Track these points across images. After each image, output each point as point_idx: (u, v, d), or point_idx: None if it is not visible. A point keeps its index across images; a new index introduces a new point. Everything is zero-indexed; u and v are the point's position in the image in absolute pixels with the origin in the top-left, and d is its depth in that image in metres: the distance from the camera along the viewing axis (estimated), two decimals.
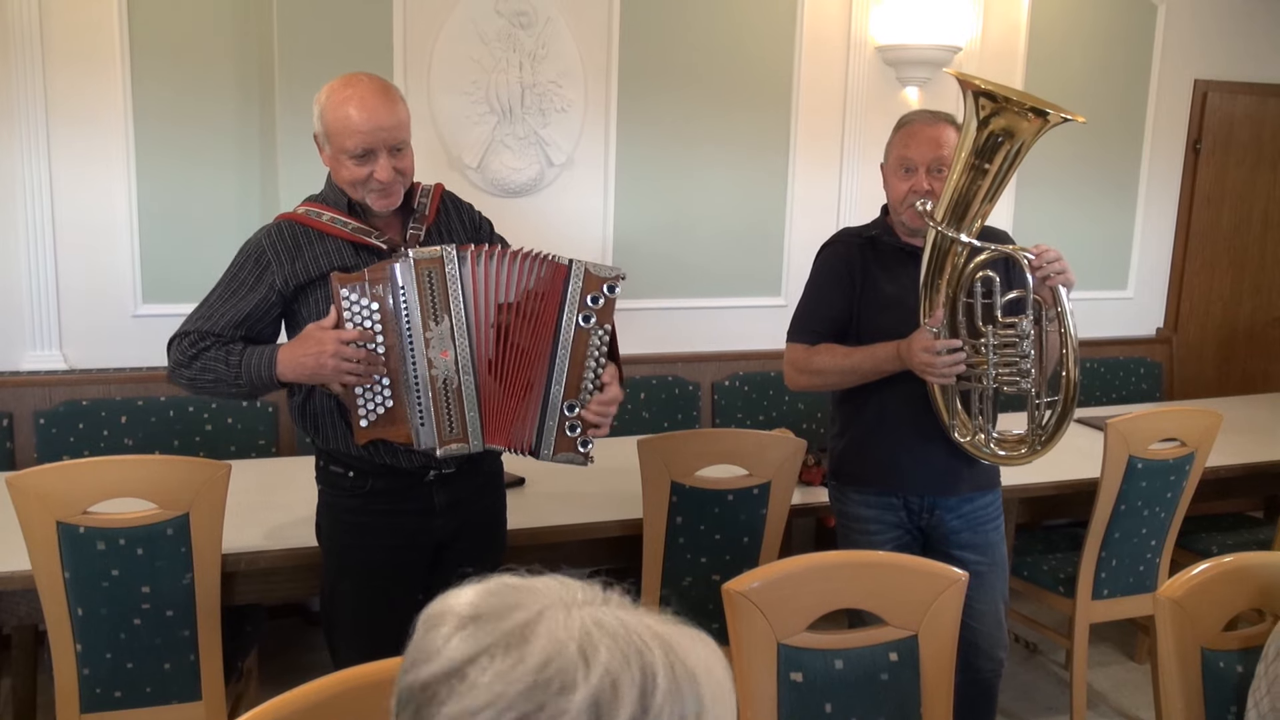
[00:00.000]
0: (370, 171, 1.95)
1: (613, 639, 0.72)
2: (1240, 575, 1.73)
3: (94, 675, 2.23)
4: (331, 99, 1.95)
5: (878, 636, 1.70)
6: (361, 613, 2.12)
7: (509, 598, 0.76)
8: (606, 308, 1.97)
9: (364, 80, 1.96)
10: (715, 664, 0.76)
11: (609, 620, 0.73)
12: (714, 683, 0.74)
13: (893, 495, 2.41)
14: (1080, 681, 3.03)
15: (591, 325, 1.96)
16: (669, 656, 0.72)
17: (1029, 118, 2.07)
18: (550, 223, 3.69)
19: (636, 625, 0.74)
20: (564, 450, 2.01)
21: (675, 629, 0.76)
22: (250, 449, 3.33)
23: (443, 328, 1.92)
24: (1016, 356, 2.17)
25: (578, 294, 1.95)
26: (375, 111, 1.92)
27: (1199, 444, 2.95)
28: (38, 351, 3.31)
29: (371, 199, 1.99)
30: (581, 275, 1.95)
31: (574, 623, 0.72)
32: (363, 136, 1.92)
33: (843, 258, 2.41)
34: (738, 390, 3.91)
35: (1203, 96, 4.61)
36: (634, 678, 0.70)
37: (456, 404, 1.95)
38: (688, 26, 3.77)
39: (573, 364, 1.97)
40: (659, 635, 0.74)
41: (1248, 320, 4.94)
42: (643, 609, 0.78)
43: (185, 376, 2.01)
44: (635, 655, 0.71)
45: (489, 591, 0.77)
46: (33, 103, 3.18)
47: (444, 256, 1.92)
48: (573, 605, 0.75)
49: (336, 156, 1.97)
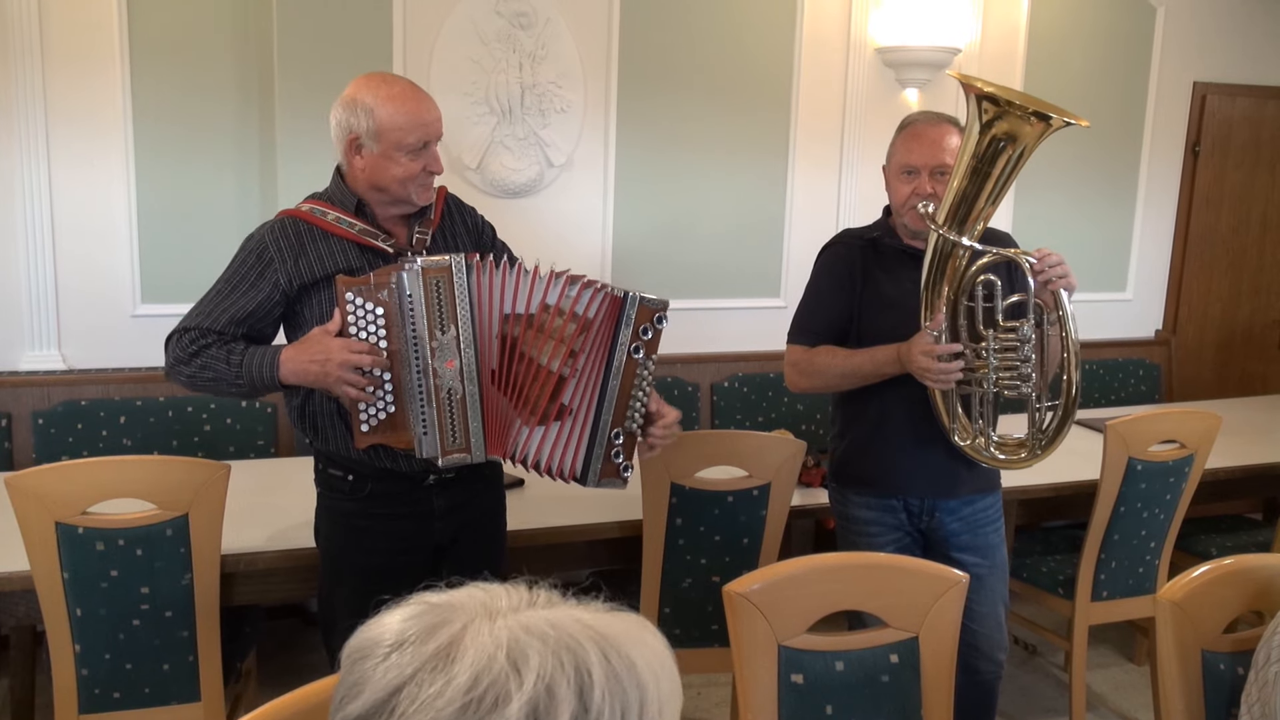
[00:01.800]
0: (424, 165, 1.99)
1: (542, 642, 0.70)
2: (1240, 577, 1.73)
3: (93, 676, 2.22)
4: (380, 96, 1.96)
5: (878, 638, 1.70)
6: (359, 615, 2.10)
7: (431, 618, 0.74)
8: (654, 340, 1.98)
9: (400, 78, 2.04)
10: (651, 646, 0.74)
11: (536, 623, 0.71)
12: (654, 665, 0.73)
13: (893, 498, 2.41)
14: (1079, 683, 3.03)
15: (641, 357, 1.98)
16: (603, 649, 0.71)
17: (1032, 121, 2.07)
18: (550, 224, 3.69)
19: (566, 623, 0.72)
20: (608, 476, 2.03)
21: (607, 618, 0.74)
22: (249, 449, 3.32)
23: (449, 337, 1.91)
24: (1018, 360, 2.17)
25: (631, 325, 1.96)
26: (425, 104, 2.00)
27: (1198, 446, 2.96)
28: (36, 351, 3.30)
29: (418, 194, 2.02)
30: (636, 306, 1.96)
31: (500, 632, 0.70)
32: (424, 129, 1.98)
33: (844, 259, 2.41)
34: (737, 391, 3.91)
35: (1201, 99, 4.62)
36: (569, 678, 0.68)
37: (460, 414, 1.94)
38: (687, 28, 3.77)
39: (621, 393, 1.99)
40: (591, 629, 0.72)
41: (1246, 322, 4.94)
42: (571, 602, 0.76)
43: (184, 374, 1.99)
44: (568, 655, 0.69)
45: (410, 615, 0.75)
46: (32, 103, 3.17)
47: (452, 266, 1.90)
48: (497, 614, 0.73)
49: (389, 154, 1.97)
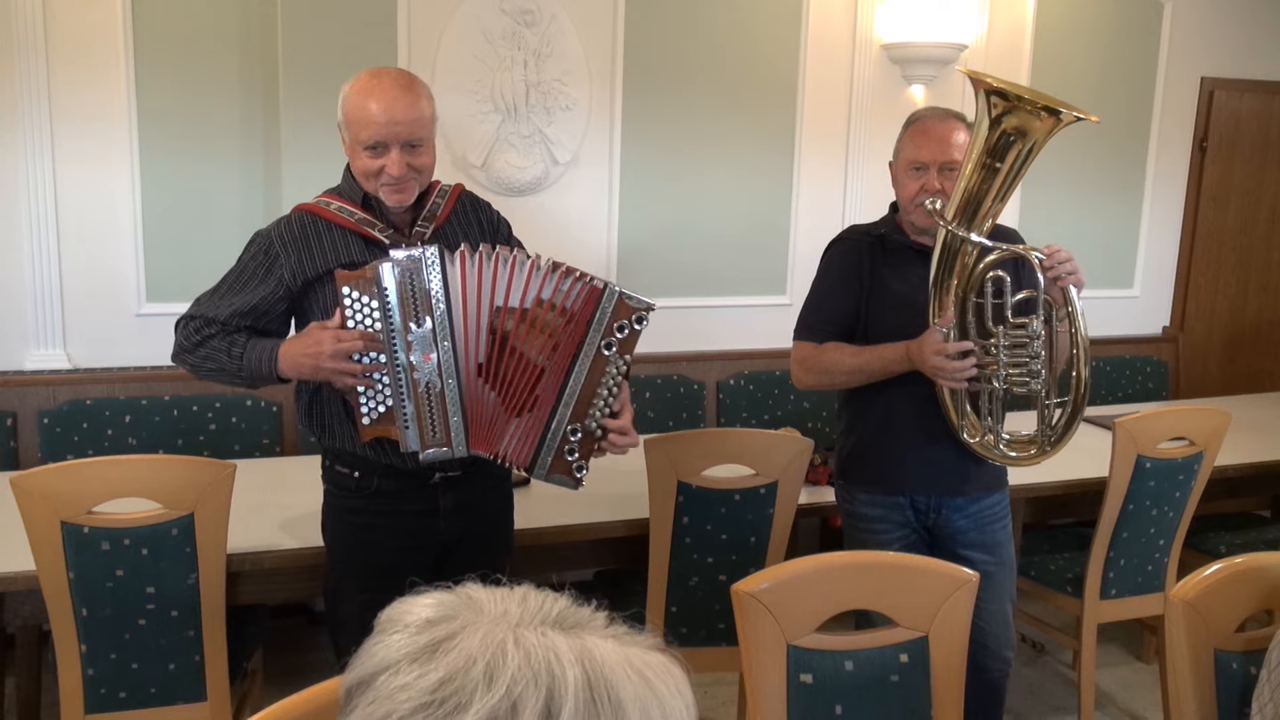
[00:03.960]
0: (382, 165, 1.94)
1: (526, 659, 0.68)
2: (1252, 576, 1.71)
3: (98, 676, 2.22)
4: (354, 88, 1.96)
5: (888, 638, 1.69)
6: (365, 613, 2.10)
7: (453, 609, 0.73)
8: (630, 338, 1.94)
9: (390, 74, 1.97)
10: (654, 688, 0.71)
11: (532, 640, 0.70)
12: (646, 705, 0.70)
13: (900, 495, 2.40)
14: (1088, 682, 3.02)
15: (612, 354, 1.94)
16: (589, 677, 0.68)
17: (1042, 117, 2.06)
18: (555, 221, 3.68)
19: (562, 645, 0.70)
20: (558, 472, 1.99)
21: (620, 650, 0.71)
22: (254, 449, 3.32)
23: (424, 330, 1.90)
24: (1027, 357, 2.16)
25: (606, 319, 1.92)
26: (393, 105, 1.92)
27: (1208, 443, 2.94)
28: (41, 351, 3.30)
29: (384, 193, 1.98)
30: (614, 301, 1.92)
31: (493, 640, 0.69)
32: (376, 129, 1.92)
33: (851, 255, 2.40)
34: (742, 389, 3.90)
35: (1209, 94, 4.60)
36: (538, 700, 0.67)
37: (439, 408, 1.93)
38: (692, 24, 3.75)
39: (585, 388, 1.95)
40: (587, 655, 0.69)
41: (1254, 318, 4.92)
42: (605, 628, 0.73)
43: (188, 361, 2.03)
44: (545, 676, 0.67)
45: (441, 601, 0.75)
46: (36, 101, 3.17)
47: (423, 257, 1.89)
48: (501, 620, 0.71)
49: (353, 146, 1.98)
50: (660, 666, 0.73)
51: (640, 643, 0.74)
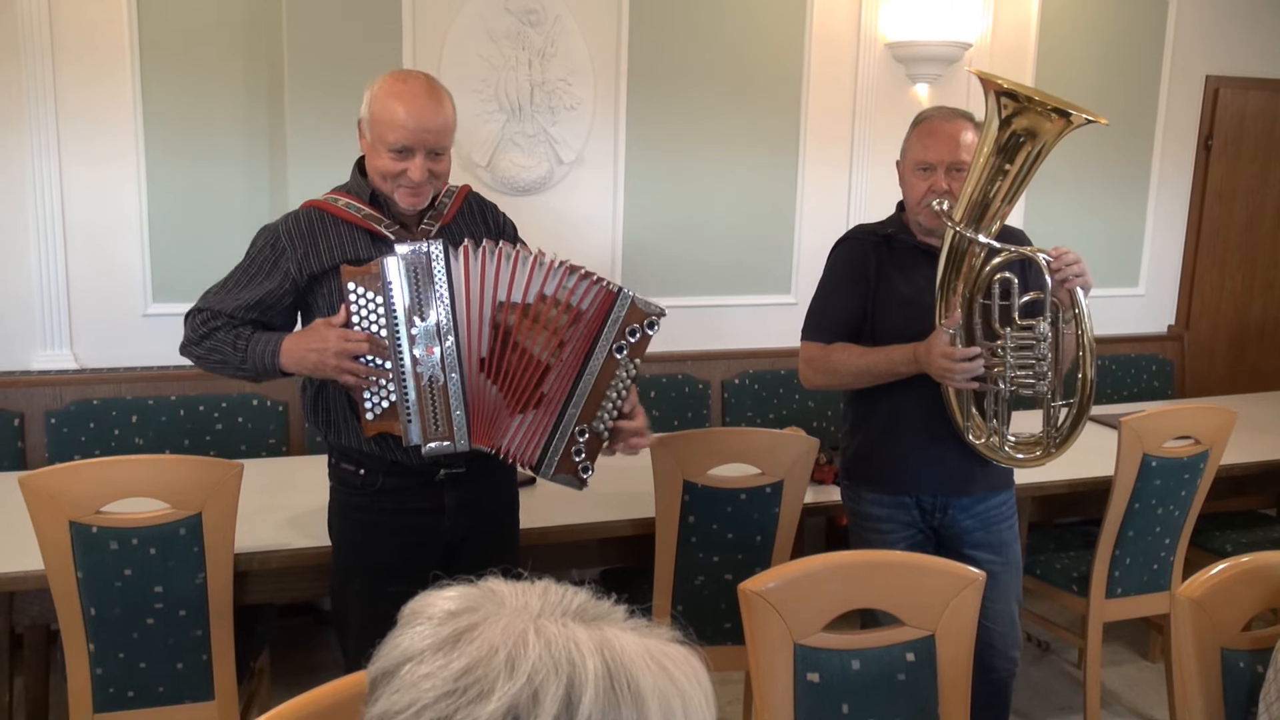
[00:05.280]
0: (404, 169, 1.96)
1: (547, 649, 0.69)
2: (1259, 575, 1.72)
3: (107, 675, 2.23)
4: (383, 89, 1.97)
5: (895, 637, 1.70)
6: (372, 611, 2.11)
7: (475, 601, 0.74)
8: (641, 342, 1.97)
9: (419, 79, 1.99)
10: (674, 679, 0.71)
11: (553, 630, 0.70)
12: (666, 694, 0.70)
13: (905, 495, 2.40)
14: (1094, 680, 3.02)
15: (623, 357, 1.97)
16: (609, 667, 0.69)
17: (1052, 118, 2.05)
18: (560, 221, 3.68)
19: (586, 638, 0.70)
20: (564, 472, 2.01)
21: (641, 642, 0.72)
22: (260, 448, 3.32)
23: (428, 324, 1.92)
24: (1034, 359, 2.16)
25: (618, 323, 1.95)
26: (422, 112, 1.94)
27: (1213, 442, 2.94)
28: (48, 351, 3.31)
29: (400, 195, 2.00)
30: (627, 305, 1.95)
31: (515, 630, 0.70)
32: (405, 133, 1.94)
33: (858, 255, 2.40)
34: (748, 388, 3.90)
35: (1214, 92, 4.59)
36: (559, 688, 0.67)
37: (442, 401, 1.95)
38: (697, 24, 3.75)
39: (595, 390, 1.97)
40: (608, 646, 0.70)
41: (1259, 317, 4.92)
42: (625, 621, 0.74)
43: (195, 353, 2.05)
44: (566, 665, 0.68)
45: (464, 594, 0.76)
46: (43, 102, 3.18)
47: (430, 252, 1.91)
48: (523, 612, 0.72)
49: (375, 146, 1.99)
50: (679, 657, 0.74)
51: (660, 634, 0.75)
